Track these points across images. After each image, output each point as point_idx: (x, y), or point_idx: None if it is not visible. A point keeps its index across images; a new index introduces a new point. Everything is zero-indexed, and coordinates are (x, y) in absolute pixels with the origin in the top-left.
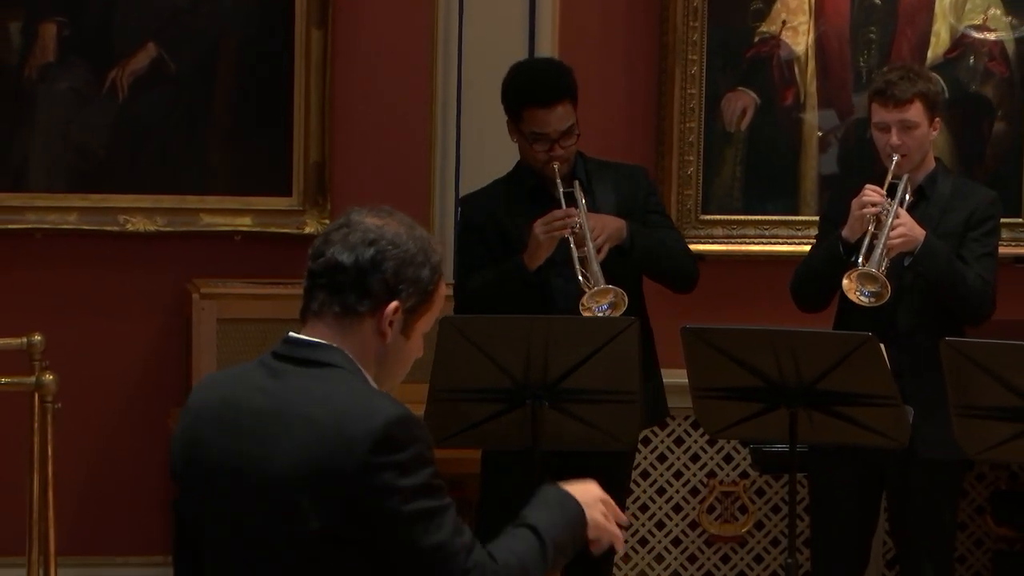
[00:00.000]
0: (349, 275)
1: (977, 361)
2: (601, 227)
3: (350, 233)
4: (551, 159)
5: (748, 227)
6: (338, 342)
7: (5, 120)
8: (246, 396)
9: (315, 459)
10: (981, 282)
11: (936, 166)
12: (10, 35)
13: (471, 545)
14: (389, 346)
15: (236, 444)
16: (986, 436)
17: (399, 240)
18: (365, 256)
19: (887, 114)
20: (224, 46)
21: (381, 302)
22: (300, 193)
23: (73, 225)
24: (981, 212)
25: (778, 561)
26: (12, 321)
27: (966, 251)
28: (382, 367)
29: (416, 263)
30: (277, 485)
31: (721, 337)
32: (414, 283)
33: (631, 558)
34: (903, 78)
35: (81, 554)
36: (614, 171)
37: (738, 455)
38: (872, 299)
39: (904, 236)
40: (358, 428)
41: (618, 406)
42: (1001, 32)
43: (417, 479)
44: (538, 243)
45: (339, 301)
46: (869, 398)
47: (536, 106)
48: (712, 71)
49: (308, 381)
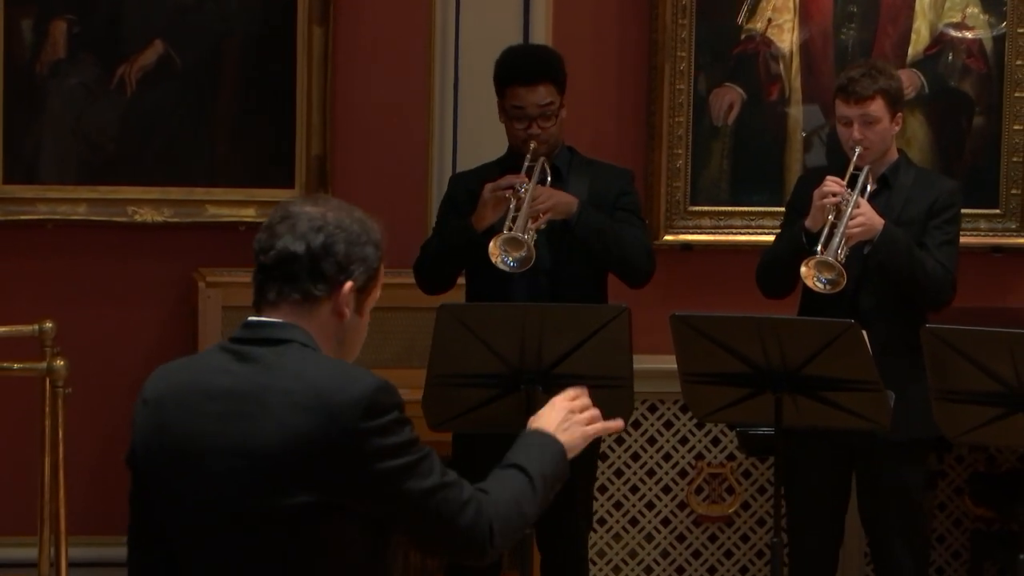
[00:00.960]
0: (303, 263)
1: (956, 347)
2: (547, 196)
3: (296, 223)
4: (529, 137)
5: (735, 218)
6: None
7: (17, 114)
8: (212, 380)
9: (301, 432)
10: (941, 269)
11: (899, 157)
12: (22, 32)
13: (458, 482)
14: (347, 324)
15: (209, 427)
16: (965, 420)
17: (343, 223)
18: (316, 242)
19: (849, 109)
20: (229, 43)
21: (336, 284)
22: (302, 185)
23: (83, 216)
24: (942, 201)
25: (764, 540)
26: (24, 308)
27: (928, 239)
28: (342, 345)
29: (362, 242)
30: (260, 462)
31: (709, 324)
32: (363, 262)
33: (622, 537)
34: (865, 75)
35: (90, 533)
36: (597, 169)
37: (725, 438)
38: (828, 286)
39: (863, 225)
40: (342, 398)
41: (610, 391)
42: (979, 30)
43: (400, 437)
44: (483, 202)
45: (296, 289)
46: (852, 383)
47: (518, 84)
48: (700, 68)
49: (277, 358)
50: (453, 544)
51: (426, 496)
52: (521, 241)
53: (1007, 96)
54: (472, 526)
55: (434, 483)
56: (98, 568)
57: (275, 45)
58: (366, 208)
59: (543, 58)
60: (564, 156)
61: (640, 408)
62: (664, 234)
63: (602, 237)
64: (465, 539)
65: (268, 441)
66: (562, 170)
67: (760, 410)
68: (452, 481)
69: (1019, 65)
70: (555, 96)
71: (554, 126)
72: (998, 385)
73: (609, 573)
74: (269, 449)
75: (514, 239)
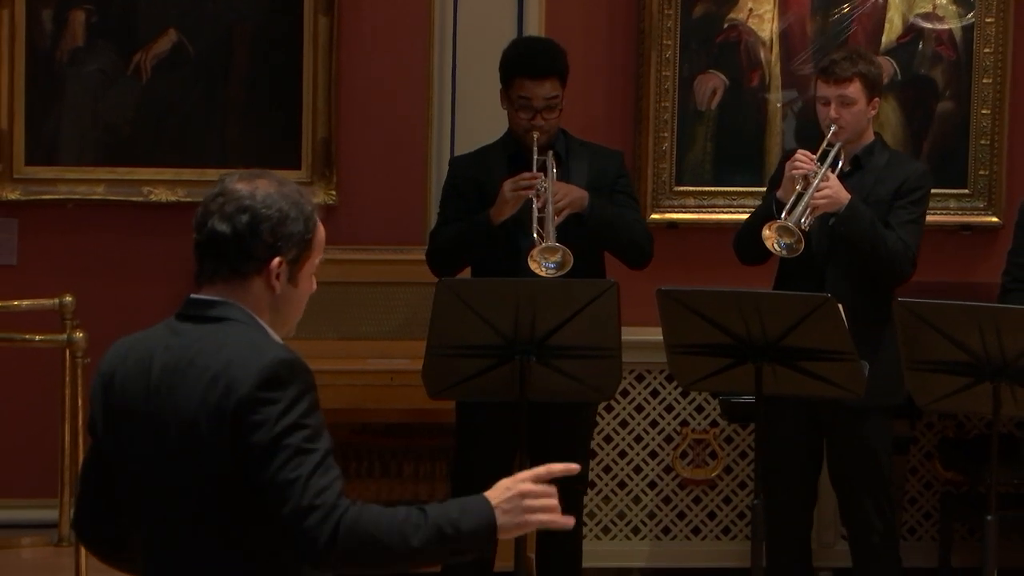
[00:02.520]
0: (230, 244)
1: (928, 320)
2: (564, 193)
3: (225, 203)
4: (532, 127)
5: (718, 197)
6: (233, 299)
7: (39, 99)
8: (152, 354)
9: (209, 403)
10: (902, 245)
11: (874, 140)
12: (42, 21)
13: (327, 486)
14: (279, 296)
15: (148, 399)
16: (935, 388)
17: (271, 201)
18: (241, 223)
19: (828, 89)
20: (239, 31)
21: (264, 260)
22: (309, 166)
23: (101, 196)
24: (911, 183)
25: (745, 502)
26: (45, 283)
27: (893, 217)
28: (277, 314)
29: (290, 219)
30: (183, 433)
31: (693, 298)
32: (290, 238)
33: (611, 499)
34: (846, 59)
35: None
36: (592, 151)
37: (708, 406)
38: (786, 251)
39: (828, 197)
40: (245, 369)
41: (600, 361)
42: (949, 20)
43: (291, 418)
44: (504, 199)
45: (226, 266)
46: (828, 354)
47: (527, 76)
48: (685, 55)
49: (205, 335)
50: (292, 538)
51: (281, 485)
52: (556, 248)
53: (976, 82)
54: (312, 529)
55: (296, 476)
56: None
57: (283, 33)
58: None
59: (552, 53)
60: (561, 140)
61: (628, 378)
62: (651, 213)
63: (612, 227)
64: (302, 539)
65: (188, 413)
66: (562, 155)
67: (741, 379)
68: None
69: (987, 53)
70: (559, 90)
71: (556, 117)
72: (966, 356)
73: (599, 533)
74: (189, 421)
75: (551, 248)
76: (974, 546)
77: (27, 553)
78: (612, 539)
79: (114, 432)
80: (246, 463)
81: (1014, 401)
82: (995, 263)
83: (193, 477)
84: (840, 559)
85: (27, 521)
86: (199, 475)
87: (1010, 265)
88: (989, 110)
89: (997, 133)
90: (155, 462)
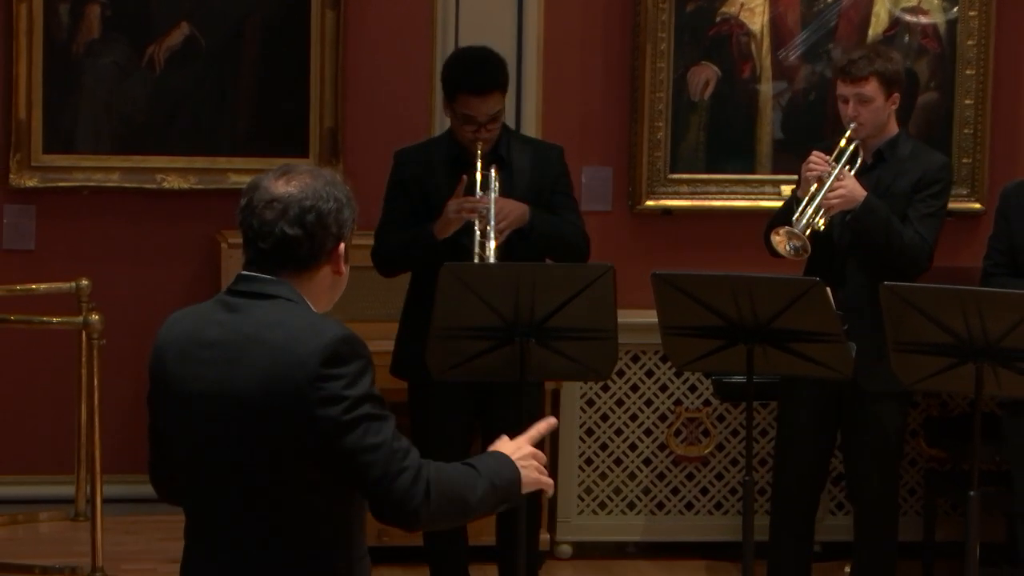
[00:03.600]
0: (304, 244)
1: (912, 303)
2: (506, 213)
3: (286, 208)
4: (476, 139)
5: (710, 185)
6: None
7: (56, 91)
8: (205, 329)
9: (271, 377)
10: (919, 239)
11: (899, 132)
12: (59, 15)
13: (408, 449)
14: (341, 278)
15: (201, 373)
16: (919, 368)
17: (325, 194)
18: (311, 223)
19: (846, 88)
20: (249, 25)
21: (333, 250)
22: (316, 154)
23: (116, 183)
24: (930, 176)
25: (736, 479)
26: (62, 268)
27: (912, 211)
28: (334, 292)
29: (342, 205)
30: (241, 406)
31: (687, 282)
32: (347, 223)
33: (607, 476)
34: (863, 57)
35: (123, 472)
36: (533, 148)
37: (701, 385)
38: (795, 252)
39: (843, 196)
40: (308, 346)
41: (596, 342)
42: (934, 14)
43: (358, 390)
44: (447, 220)
45: (294, 263)
46: (817, 335)
47: (470, 93)
48: (679, 47)
49: (259, 311)
50: (385, 503)
51: (366, 451)
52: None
53: (959, 74)
54: (406, 491)
55: (380, 441)
56: (129, 503)
57: (291, 27)
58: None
59: (493, 68)
60: (504, 140)
61: (624, 358)
62: (646, 200)
63: (551, 239)
64: (397, 501)
65: (246, 387)
66: (504, 156)
67: (733, 360)
68: (398, 448)
69: (970, 45)
70: (502, 103)
71: (498, 127)
72: (950, 337)
73: (596, 508)
74: (246, 395)
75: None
76: (957, 521)
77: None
78: (608, 514)
79: (165, 404)
80: (318, 438)
81: (996, 381)
82: (977, 248)
83: (245, 451)
84: (829, 533)
85: (45, 497)
86: (252, 449)
87: (991, 250)
88: (972, 100)
89: (980, 123)
90: (207, 435)
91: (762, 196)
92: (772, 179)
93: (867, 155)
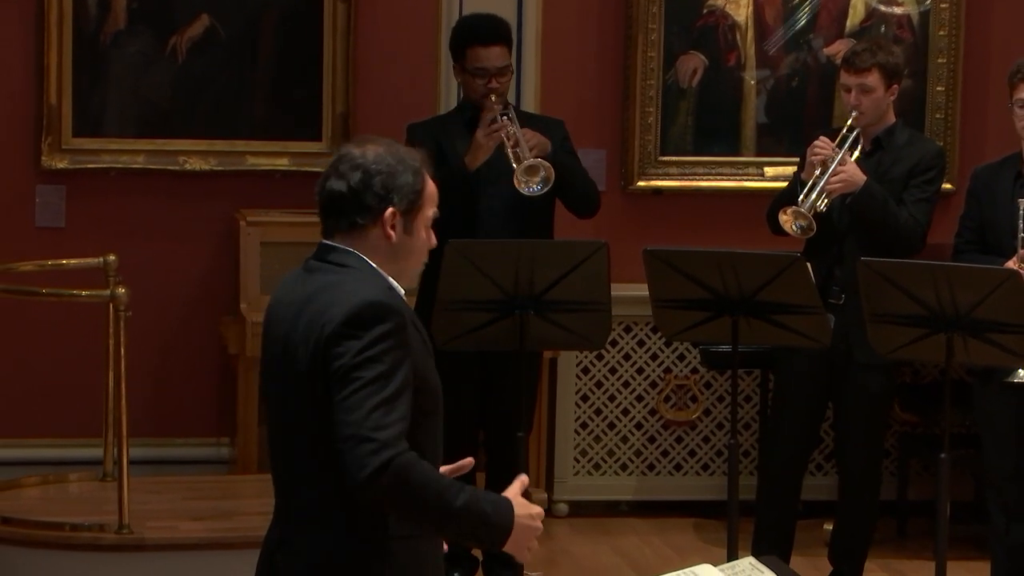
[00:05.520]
0: (347, 199)
1: (888, 277)
2: (535, 139)
3: (339, 165)
4: (488, 91)
5: (698, 166)
6: (361, 247)
7: (85, 78)
8: (291, 289)
9: (308, 335)
10: (913, 222)
11: (896, 122)
12: (88, 7)
13: (387, 425)
14: (397, 246)
15: (277, 328)
16: (894, 339)
17: (380, 159)
18: (355, 179)
19: (849, 78)
20: (266, 17)
21: (379, 212)
22: (329, 138)
23: (141, 165)
24: (925, 163)
25: (722, 442)
26: (91, 244)
27: (907, 195)
28: (396, 262)
29: (398, 172)
30: (289, 357)
31: (676, 257)
32: (400, 189)
33: (601, 439)
34: (866, 50)
35: (147, 435)
36: (538, 122)
37: (690, 354)
38: (801, 231)
39: (844, 180)
40: (339, 308)
41: (591, 314)
42: (907, 5)
43: (368, 353)
44: (478, 145)
45: (345, 220)
46: (797, 308)
47: (478, 44)
48: (669, 37)
49: (324, 277)
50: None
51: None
52: (537, 167)
53: (931, 62)
54: (360, 460)
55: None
56: (154, 465)
57: (305, 19)
58: None
59: (498, 21)
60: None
61: (617, 329)
62: (637, 180)
63: (572, 173)
64: (348, 465)
65: (294, 341)
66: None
67: (720, 331)
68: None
69: (941, 35)
70: (509, 57)
71: (508, 81)
72: (922, 309)
73: (591, 470)
74: (293, 347)
75: (531, 167)
76: (929, 481)
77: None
78: (602, 475)
79: (262, 354)
80: (326, 386)
81: (965, 350)
82: (949, 226)
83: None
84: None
85: (75, 458)
86: (295, 394)
87: (962, 228)
88: (944, 87)
89: (950, 108)
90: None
91: (746, 177)
92: (756, 161)
93: (866, 143)
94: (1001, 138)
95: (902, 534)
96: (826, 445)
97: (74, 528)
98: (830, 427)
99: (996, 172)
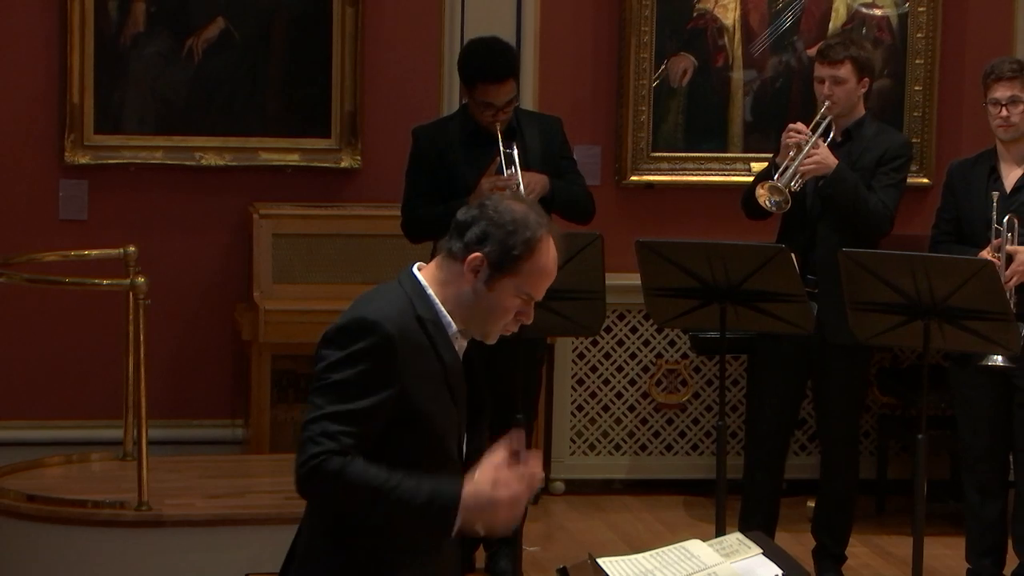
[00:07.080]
0: (459, 227)
1: (868, 267)
2: (533, 186)
3: (482, 201)
4: (494, 121)
5: (688, 162)
6: (440, 274)
7: (106, 78)
8: None
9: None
10: (882, 206)
11: (865, 115)
12: (108, 11)
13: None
14: (474, 292)
15: None
16: (874, 325)
17: (505, 211)
18: (470, 215)
19: (823, 70)
20: (278, 19)
21: (470, 250)
22: (337, 135)
23: (159, 160)
24: (892, 152)
25: (711, 423)
26: (112, 236)
27: (876, 182)
28: (465, 309)
29: (506, 230)
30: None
31: (667, 249)
32: (499, 243)
33: (596, 421)
34: (839, 43)
35: (164, 417)
36: (538, 120)
37: (680, 340)
38: (775, 207)
39: (817, 163)
40: (342, 318)
41: (587, 302)
42: (887, 8)
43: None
44: (482, 191)
45: (448, 244)
46: (782, 296)
47: (489, 82)
48: (660, 39)
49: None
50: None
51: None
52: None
53: (909, 63)
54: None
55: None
56: (172, 445)
57: (315, 22)
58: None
59: (508, 57)
60: (514, 116)
61: (611, 316)
62: (630, 175)
63: (568, 202)
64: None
65: None
66: (515, 128)
67: (708, 318)
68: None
69: (919, 37)
70: (516, 88)
71: (513, 108)
72: (901, 298)
73: (586, 450)
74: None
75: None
76: (906, 460)
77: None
78: (597, 455)
79: None
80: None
81: (942, 336)
82: (926, 218)
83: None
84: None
85: (97, 439)
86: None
87: (939, 220)
88: (921, 87)
89: (928, 107)
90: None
91: (734, 172)
92: (743, 157)
93: (837, 134)
94: (976, 135)
95: (881, 511)
96: (809, 426)
97: (96, 505)
98: (813, 409)
99: (971, 167)
